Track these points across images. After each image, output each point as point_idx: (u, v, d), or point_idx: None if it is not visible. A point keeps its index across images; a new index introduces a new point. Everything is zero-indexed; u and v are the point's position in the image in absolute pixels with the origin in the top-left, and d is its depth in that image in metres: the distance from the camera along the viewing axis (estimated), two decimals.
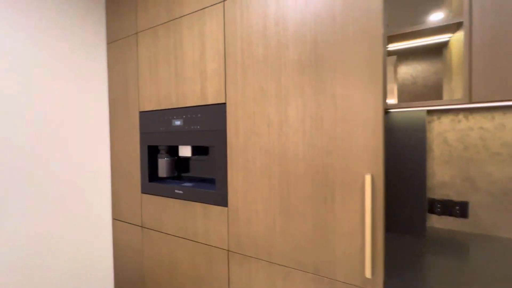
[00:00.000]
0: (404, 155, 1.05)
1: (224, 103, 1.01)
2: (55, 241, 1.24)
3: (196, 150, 1.22)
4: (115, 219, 1.46)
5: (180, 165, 1.34)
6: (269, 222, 0.92)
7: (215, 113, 1.04)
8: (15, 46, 1.11)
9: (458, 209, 1.09)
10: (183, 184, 1.20)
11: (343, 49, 0.77)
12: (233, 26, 0.97)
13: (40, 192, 1.19)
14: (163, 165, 1.26)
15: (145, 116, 1.27)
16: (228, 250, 1.02)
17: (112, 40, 1.41)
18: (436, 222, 1.13)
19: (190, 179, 1.30)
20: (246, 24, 0.94)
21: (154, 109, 1.23)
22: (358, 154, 0.75)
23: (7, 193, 1.09)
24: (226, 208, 1.02)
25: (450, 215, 1.10)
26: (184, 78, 1.12)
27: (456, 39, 0.94)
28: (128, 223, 1.38)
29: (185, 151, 1.20)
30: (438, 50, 1.09)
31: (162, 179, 1.32)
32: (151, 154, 1.30)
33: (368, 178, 0.71)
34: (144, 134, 1.28)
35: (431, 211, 1.14)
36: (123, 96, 1.37)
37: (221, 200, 1.03)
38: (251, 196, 0.95)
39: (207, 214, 1.07)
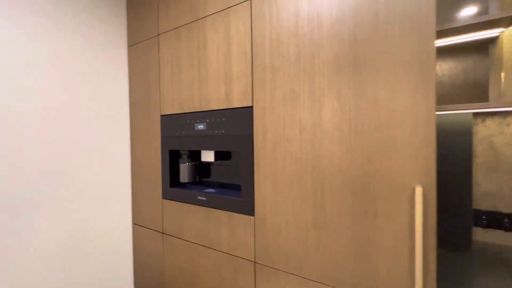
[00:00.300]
0: (447, 162, 0.96)
1: (251, 107, 0.96)
2: (77, 244, 1.23)
3: (218, 155, 1.17)
4: (135, 224, 1.44)
5: (200, 170, 1.30)
6: (300, 234, 0.85)
7: (241, 117, 0.99)
8: (33, 48, 1.10)
9: (507, 221, 0.98)
10: (205, 190, 1.16)
11: (387, 46, 0.70)
12: (261, 25, 0.92)
13: (62, 194, 1.18)
14: (184, 170, 1.22)
15: (166, 119, 1.24)
16: (254, 262, 0.97)
17: (133, 43, 1.39)
18: (482, 235, 1.03)
19: (212, 185, 1.25)
20: (275, 23, 0.89)
21: (176, 112, 1.20)
22: (405, 163, 0.67)
23: (32, 198, 1.08)
24: (252, 217, 0.97)
25: (498, 228, 1.00)
26: (208, 81, 1.08)
27: (510, 34, 0.85)
28: (149, 228, 1.36)
29: (207, 156, 1.16)
30: (483, 46, 0.99)
31: (183, 185, 1.28)
32: (172, 158, 1.26)
33: (419, 191, 0.63)
34: (165, 138, 1.25)
35: (475, 223, 1.04)
36: (144, 99, 1.35)
37: (247, 208, 0.98)
38: (281, 206, 0.90)
39: (232, 222, 1.02)
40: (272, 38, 0.90)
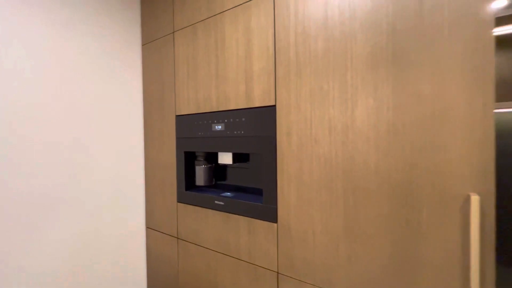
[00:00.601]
0: (506, 167, 0.87)
1: (274, 106, 0.90)
2: (89, 247, 1.19)
3: (236, 157, 1.11)
4: (148, 227, 1.39)
5: (216, 173, 1.24)
6: (330, 245, 0.78)
7: (263, 117, 0.92)
8: (43, 47, 1.07)
9: None
10: (222, 194, 1.10)
11: (433, 37, 0.62)
12: (286, 18, 0.86)
13: (73, 197, 1.14)
14: (200, 173, 1.17)
15: (182, 120, 1.19)
16: (277, 272, 0.90)
17: (147, 41, 1.35)
18: None
19: (229, 188, 1.20)
20: (301, 15, 0.82)
21: (192, 112, 1.15)
22: (457, 168, 0.60)
23: (44, 202, 1.05)
24: (275, 224, 0.90)
25: None
26: (226, 79, 1.02)
27: None
28: (163, 233, 1.31)
29: (225, 158, 1.11)
30: None
31: (199, 188, 1.23)
32: (187, 160, 1.21)
33: (475, 200, 0.55)
34: (180, 139, 1.20)
35: None
36: (159, 99, 1.30)
37: (270, 214, 0.92)
38: (307, 213, 0.83)
39: (253, 229, 0.96)
40: (297, 31, 0.83)
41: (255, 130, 0.95)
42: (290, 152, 0.86)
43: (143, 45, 1.38)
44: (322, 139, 0.79)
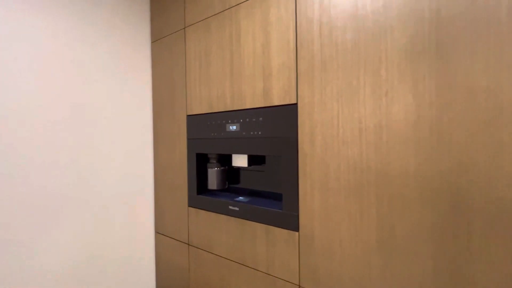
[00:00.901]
0: None
1: (295, 104, 0.82)
2: (95, 252, 1.14)
3: (251, 159, 1.04)
4: (158, 232, 1.34)
5: (229, 175, 1.17)
6: (360, 257, 0.71)
7: (283, 117, 0.85)
8: (50, 46, 1.02)
9: None
10: (237, 199, 1.03)
11: (488, 22, 0.54)
12: (309, 8, 0.78)
13: (80, 200, 1.09)
14: (213, 176, 1.10)
15: (193, 120, 1.13)
16: (299, 286, 0.83)
17: (157, 38, 1.29)
18: None
19: (243, 192, 1.13)
20: (327, 5, 0.75)
21: (205, 112, 1.08)
22: None
23: (50, 205, 1.00)
24: (296, 233, 0.83)
25: None
26: (242, 76, 0.95)
27: None
28: (173, 238, 1.25)
29: (240, 160, 1.04)
30: None
31: (211, 192, 1.17)
32: (199, 163, 1.15)
33: None
34: (192, 140, 1.14)
35: None
36: (169, 98, 1.24)
37: (290, 222, 0.84)
38: (333, 221, 0.75)
39: (271, 238, 0.89)
40: (322, 22, 0.76)
41: (274, 130, 0.87)
42: (313, 155, 0.79)
43: (152, 42, 1.32)
44: (351, 141, 0.71)
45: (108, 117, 1.17)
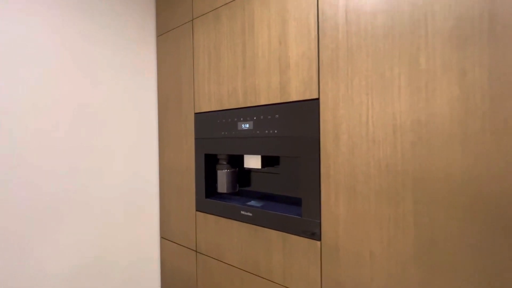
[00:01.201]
0: None
1: (317, 99, 0.74)
2: (98, 259, 1.06)
3: (264, 160, 0.96)
4: (163, 237, 1.26)
5: (240, 178, 1.10)
6: (394, 271, 0.62)
7: (302, 113, 0.77)
8: (45, 42, 0.96)
9: None
10: (249, 203, 0.95)
11: None
12: None
13: (81, 203, 1.02)
14: (223, 178, 1.03)
15: (202, 118, 1.05)
16: None
17: (163, 32, 1.22)
18: None
19: (255, 196, 1.05)
20: None
21: (214, 109, 1.01)
22: None
23: (51, 207, 0.93)
24: (318, 243, 0.75)
25: None
26: (256, 69, 0.88)
27: None
28: (179, 244, 1.17)
29: (252, 161, 0.96)
30: None
31: (221, 195, 1.09)
32: (208, 164, 1.07)
33: None
34: (200, 140, 1.06)
35: None
36: (175, 95, 1.17)
37: (311, 230, 0.76)
38: (362, 230, 0.67)
39: (288, 246, 0.81)
40: (348, 7, 0.68)
41: (292, 128, 0.80)
42: (338, 155, 0.70)
43: (158, 36, 1.25)
44: (383, 139, 0.63)
45: (110, 117, 1.10)
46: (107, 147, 1.08)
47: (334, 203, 0.72)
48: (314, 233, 0.76)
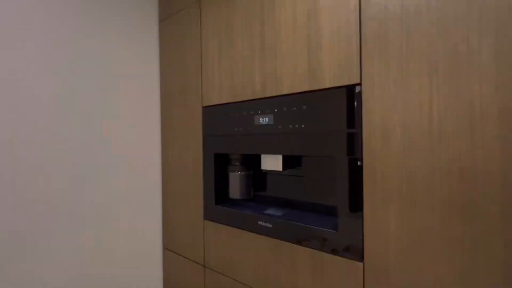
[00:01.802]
0: None
1: (358, 84, 0.60)
2: (97, 269, 0.93)
3: (286, 161, 0.82)
4: (167, 249, 1.12)
5: (255, 181, 0.95)
6: None
7: (338, 103, 0.63)
8: (44, 40, 0.82)
9: None
10: (268, 212, 0.81)
11: None
12: None
13: (78, 209, 0.88)
14: (236, 182, 0.88)
15: (211, 112, 0.91)
16: None
17: (167, 16, 1.08)
18: None
19: (274, 203, 0.90)
20: None
21: (226, 102, 0.87)
22: None
23: (50, 216, 0.79)
24: (360, 264, 0.60)
25: None
26: (278, 52, 0.73)
27: None
28: (185, 257, 1.03)
29: (272, 162, 0.81)
30: None
31: (233, 202, 0.94)
32: (218, 165, 0.93)
33: None
34: (209, 137, 0.92)
35: None
36: (180, 87, 1.03)
37: (350, 248, 0.61)
38: (422, 250, 0.52)
39: (319, 266, 0.66)
40: None
41: (324, 122, 0.65)
42: (388, 155, 0.56)
43: (161, 21, 1.11)
44: (454, 134, 0.48)
45: (107, 113, 0.96)
46: (102, 148, 0.95)
47: (383, 216, 0.57)
48: (354, 252, 0.61)
